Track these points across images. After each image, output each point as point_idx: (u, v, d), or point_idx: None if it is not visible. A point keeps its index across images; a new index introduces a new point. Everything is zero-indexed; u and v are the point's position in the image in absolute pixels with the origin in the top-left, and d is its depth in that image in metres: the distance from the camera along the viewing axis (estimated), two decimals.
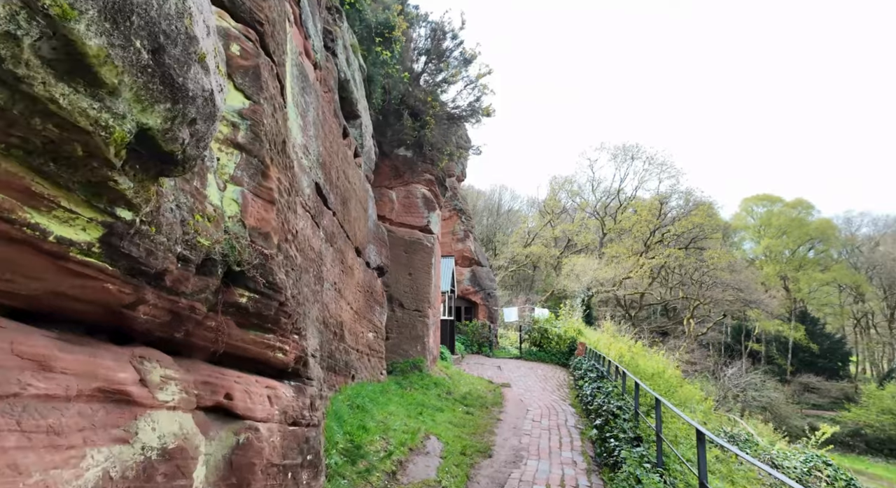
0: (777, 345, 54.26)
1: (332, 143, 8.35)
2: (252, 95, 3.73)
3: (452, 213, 26.02)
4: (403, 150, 14.26)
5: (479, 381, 16.26)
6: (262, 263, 3.78)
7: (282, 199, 4.12)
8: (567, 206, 51.87)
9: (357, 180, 9.92)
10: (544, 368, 22.19)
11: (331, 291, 8.11)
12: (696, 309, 42.79)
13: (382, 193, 14.25)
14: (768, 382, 45.19)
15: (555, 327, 25.77)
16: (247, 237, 3.69)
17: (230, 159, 3.68)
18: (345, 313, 8.98)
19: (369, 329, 10.48)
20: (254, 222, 3.76)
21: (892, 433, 43.54)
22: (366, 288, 10.37)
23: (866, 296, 55.03)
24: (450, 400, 12.21)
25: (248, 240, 3.70)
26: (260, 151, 3.78)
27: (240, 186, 3.70)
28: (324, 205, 7.87)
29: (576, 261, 40.09)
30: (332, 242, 8.21)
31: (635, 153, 41.44)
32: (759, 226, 55.08)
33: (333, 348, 8.10)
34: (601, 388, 12.24)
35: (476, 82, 14.46)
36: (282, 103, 4.53)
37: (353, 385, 9.11)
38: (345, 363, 8.75)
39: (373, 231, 10.86)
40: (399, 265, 14.17)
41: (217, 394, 3.82)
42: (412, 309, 14.08)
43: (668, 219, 41.23)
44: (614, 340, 23.60)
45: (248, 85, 3.74)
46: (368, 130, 10.75)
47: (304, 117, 6.90)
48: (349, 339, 9.13)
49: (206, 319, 3.69)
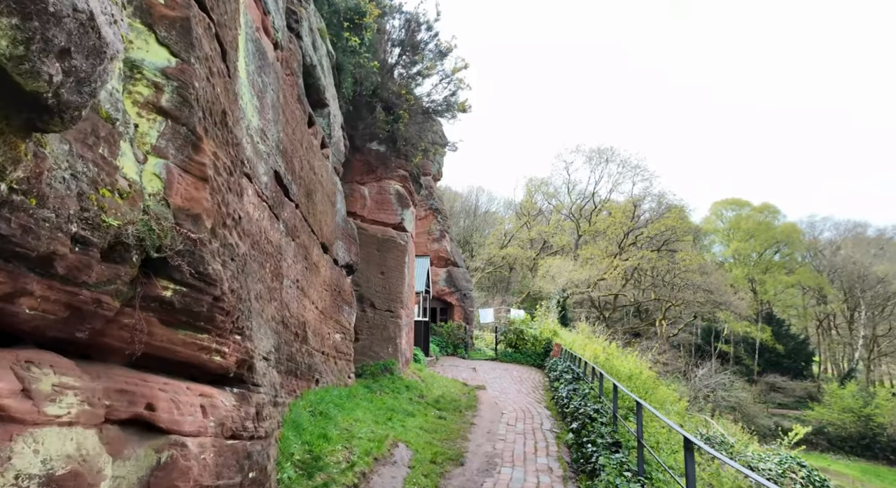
0: (745, 345, 55.37)
1: (296, 131, 7.76)
2: (180, 53, 3.15)
3: (428, 213, 25.51)
4: (376, 145, 13.69)
5: (453, 384, 15.77)
6: (191, 250, 3.20)
7: (219, 178, 3.56)
8: (543, 209, 51.95)
9: (324, 172, 9.33)
10: (520, 370, 21.85)
11: (292, 289, 7.51)
12: (668, 310, 43.28)
13: (354, 189, 13.65)
14: (736, 382, 45.98)
15: (530, 328, 25.50)
16: (171, 218, 3.11)
17: (152, 126, 3.10)
18: (308, 313, 8.37)
19: (336, 330, 9.87)
20: (181, 202, 3.18)
21: (852, 431, 44.81)
22: (333, 286, 9.77)
23: (828, 298, 56.72)
24: (422, 405, 11.68)
25: (173, 222, 3.12)
26: (190, 119, 3.21)
27: (164, 159, 3.12)
28: (285, 195, 7.27)
29: (551, 262, 40.03)
30: (294, 236, 7.61)
31: (610, 156, 41.78)
32: (728, 230, 56.22)
33: (294, 350, 7.49)
34: (577, 390, 11.89)
35: (452, 76, 14.01)
36: (222, 70, 3.95)
37: (316, 389, 8.50)
38: (307, 366, 8.14)
39: (341, 227, 10.27)
40: (371, 264, 13.58)
41: (136, 405, 3.22)
42: (384, 309, 13.50)
43: (642, 222, 41.62)
44: (589, 341, 23.44)
45: (175, 40, 3.16)
46: (337, 120, 10.17)
47: (261, 98, 6.31)
48: (313, 341, 8.53)
49: (119, 316, 3.09)
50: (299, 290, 7.86)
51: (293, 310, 7.52)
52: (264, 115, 6.41)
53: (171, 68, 3.09)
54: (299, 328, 7.83)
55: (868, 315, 54.35)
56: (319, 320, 9.03)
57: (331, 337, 9.59)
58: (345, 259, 10.36)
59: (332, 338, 9.61)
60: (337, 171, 10.19)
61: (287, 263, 7.27)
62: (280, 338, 6.59)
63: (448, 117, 14.44)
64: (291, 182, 7.48)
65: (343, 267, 10.38)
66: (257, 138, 6.18)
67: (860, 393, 44.71)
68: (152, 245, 2.92)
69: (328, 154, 9.64)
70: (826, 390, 46.26)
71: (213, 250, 3.40)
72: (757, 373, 53.34)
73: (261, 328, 5.40)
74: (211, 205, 3.37)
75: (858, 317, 55.67)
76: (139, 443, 3.24)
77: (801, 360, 55.83)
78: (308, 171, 8.34)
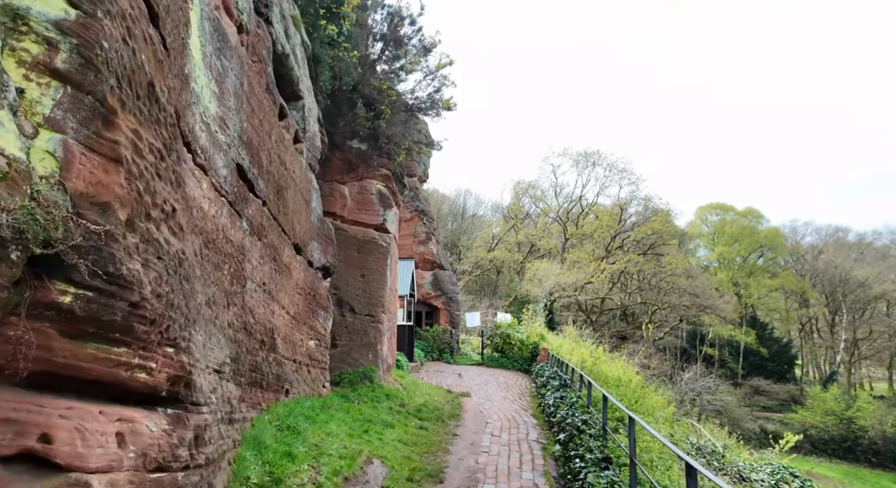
0: (729, 349, 55.55)
1: (264, 122, 7.16)
2: (82, 4, 2.56)
3: (414, 214, 24.93)
4: (357, 143, 13.10)
5: (436, 391, 15.18)
6: (96, 246, 2.60)
7: (141, 161, 2.96)
8: (530, 212, 51.66)
9: (297, 168, 8.72)
10: (506, 375, 21.33)
11: (258, 293, 6.89)
12: (654, 314, 43.15)
13: (334, 188, 13.03)
14: (722, 386, 45.99)
15: (517, 332, 25.01)
16: (67, 206, 2.51)
17: (45, 93, 2.49)
18: (278, 318, 7.75)
19: (310, 336, 9.25)
20: (84, 186, 2.57)
21: (835, 433, 45.08)
22: (307, 290, 9.15)
23: (810, 302, 57.21)
24: (402, 414, 11.07)
25: (71, 210, 2.52)
26: (97, 87, 2.61)
27: (61, 134, 2.52)
28: (249, 191, 6.66)
29: (539, 265, 39.67)
30: (260, 236, 6.99)
31: (597, 160, 41.61)
32: (713, 234, 56.47)
33: (260, 359, 6.86)
34: (564, 398, 11.39)
35: (436, 73, 13.50)
36: (151, 36, 3.35)
37: (286, 401, 7.87)
38: (276, 376, 7.51)
39: (317, 227, 9.66)
40: (351, 266, 12.96)
41: (25, 437, 2.59)
42: (364, 313, 12.88)
43: (628, 225, 41.48)
44: (576, 345, 23.02)
45: None
46: (313, 114, 9.58)
47: (220, 83, 5.71)
48: (283, 348, 7.90)
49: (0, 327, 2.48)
50: (266, 294, 7.24)
51: (259, 316, 6.90)
52: (224, 101, 5.81)
53: (69, 22, 2.49)
54: (266, 335, 7.20)
55: (849, 319, 54.89)
56: (291, 326, 8.40)
57: (304, 344, 8.96)
58: (321, 261, 9.75)
59: (305, 345, 8.98)
60: (312, 168, 9.59)
61: (252, 265, 6.66)
62: (240, 346, 5.97)
63: (432, 115, 13.91)
64: (258, 177, 6.88)
65: (319, 269, 9.77)
66: (215, 127, 5.58)
67: (842, 396, 45.01)
68: (36, 238, 2.32)
69: (302, 149, 9.03)
70: (809, 393, 46.49)
71: (130, 246, 2.81)
72: (741, 377, 53.52)
73: (212, 337, 4.79)
74: (126, 193, 2.78)
75: (840, 320, 56.21)
76: (31, 483, 2.62)
77: (784, 363, 56.16)
78: (278, 166, 7.73)
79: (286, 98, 8.78)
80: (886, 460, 41.75)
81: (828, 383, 52.59)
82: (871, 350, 57.16)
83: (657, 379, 41.10)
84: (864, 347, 56.95)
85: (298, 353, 8.71)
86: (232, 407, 5.27)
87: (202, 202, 5.20)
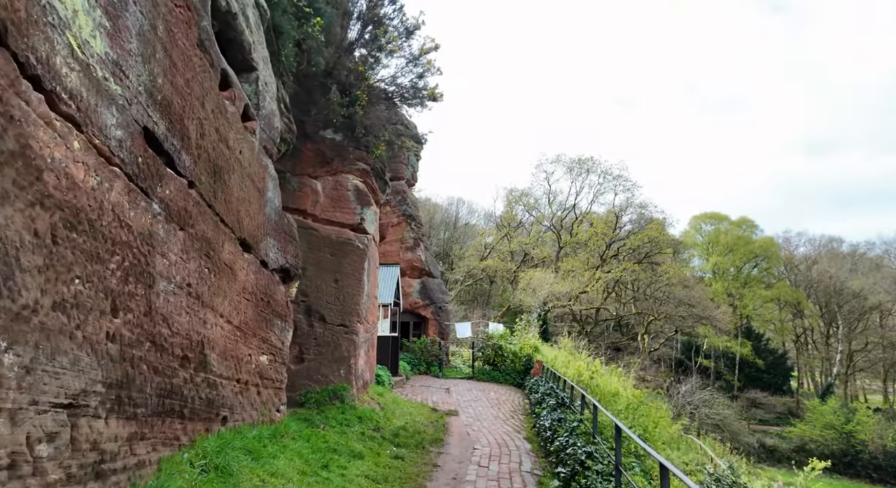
0: (725, 360, 54.19)
1: (193, 85, 5.69)
2: None
3: (402, 219, 23.45)
4: (331, 133, 11.66)
5: (420, 410, 13.57)
6: None
7: None
8: (524, 220, 50.33)
9: (246, 150, 7.25)
10: (498, 390, 19.72)
11: (178, 296, 5.36)
12: (650, 324, 41.76)
13: (304, 183, 11.54)
14: (719, 398, 44.50)
15: (510, 344, 23.45)
16: None
17: None
18: (213, 329, 6.20)
19: (262, 350, 7.69)
20: None
21: (834, 448, 43.59)
22: (259, 295, 7.62)
23: (805, 313, 56.08)
24: (375, 441, 9.47)
25: None
26: None
27: None
28: (167, 166, 5.17)
29: (532, 274, 38.23)
30: (183, 224, 5.48)
31: (590, 166, 40.40)
32: (707, 244, 55.38)
33: (179, 381, 5.31)
34: (563, 421, 9.85)
35: (419, 58, 12.13)
36: None
37: (222, 432, 6.29)
38: (206, 401, 5.95)
39: (274, 221, 8.15)
40: (322, 270, 11.43)
41: None
42: (336, 323, 11.32)
43: (624, 233, 40.18)
44: (572, 358, 21.50)
45: None
46: (271, 91, 8.13)
47: (113, 17, 4.25)
48: (219, 366, 6.34)
49: None
50: (194, 299, 5.71)
51: (179, 326, 5.36)
52: (121, 42, 4.35)
53: None
54: (192, 350, 5.65)
55: (844, 330, 53.75)
56: (234, 339, 6.85)
57: (253, 360, 7.40)
58: (278, 261, 8.22)
59: (254, 361, 7.41)
60: (269, 152, 8.11)
61: (167, 260, 5.14)
62: (136, 366, 4.42)
63: (416, 105, 12.52)
64: (181, 150, 5.39)
65: (276, 271, 8.24)
66: (103, 71, 4.11)
67: (841, 409, 43.63)
68: None
69: (255, 129, 7.57)
70: (807, 406, 45.07)
71: None
72: (738, 389, 52.07)
73: (59, 356, 3.26)
74: None
75: (835, 331, 55.07)
76: None
77: (780, 375, 54.82)
78: (216, 143, 6.25)
79: (236, 68, 7.34)
80: (887, 475, 40.24)
81: (825, 395, 51.33)
82: (867, 362, 55.98)
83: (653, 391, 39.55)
84: (860, 359, 55.80)
85: (244, 371, 7.14)
86: (104, 455, 3.71)
87: (70, 166, 3.70)
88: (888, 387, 57.73)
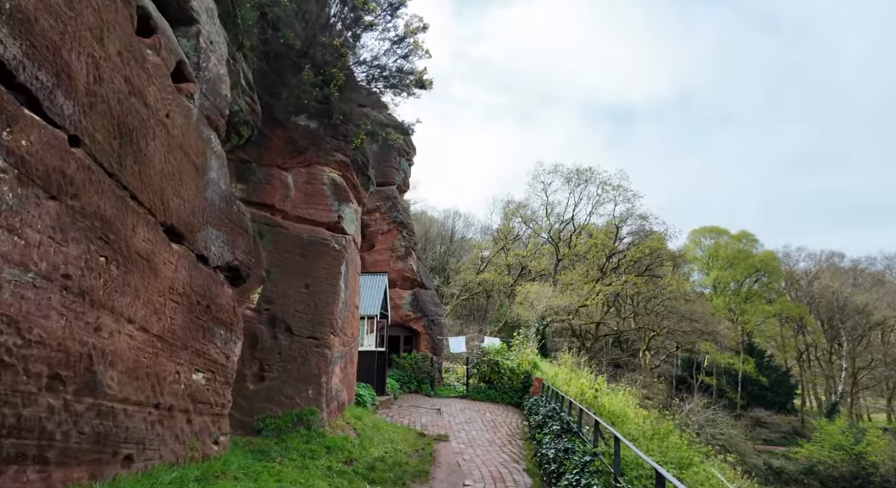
0: (727, 377, 52.32)
1: (81, 8, 4.22)
2: None
3: (392, 227, 21.93)
4: (305, 119, 10.22)
5: (404, 435, 11.85)
6: None
7: None
8: (521, 234, 48.85)
9: (177, 115, 5.75)
10: (494, 410, 17.97)
11: (45, 291, 3.81)
12: (652, 340, 40.02)
13: (273, 175, 10.06)
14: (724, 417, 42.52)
15: (507, 360, 21.73)
16: None
17: None
18: (112, 338, 4.63)
19: (196, 367, 6.07)
20: None
21: (844, 470, 41.28)
22: (194, 298, 6.04)
23: (808, 329, 54.45)
24: (346, 477, 7.78)
25: None
26: None
27: None
28: (27, 108, 3.66)
29: (529, 288, 36.59)
30: (58, 193, 3.96)
31: (589, 177, 39.11)
32: (707, 258, 53.94)
33: (37, 412, 3.73)
34: (570, 452, 8.18)
35: (405, 39, 10.77)
36: None
37: (123, 477, 4.65)
38: (94, 437, 4.34)
39: (219, 208, 6.62)
40: (290, 274, 9.87)
41: None
42: (305, 335, 9.71)
43: (624, 245, 38.69)
44: (574, 375, 19.79)
45: None
46: (217, 52, 6.68)
47: None
48: (122, 388, 4.74)
49: None
50: (75, 296, 4.15)
51: (43, 333, 3.79)
52: None
53: None
54: (69, 366, 4.07)
55: (849, 347, 52.03)
56: (152, 351, 5.26)
57: (182, 378, 5.78)
58: (223, 257, 6.66)
59: (183, 379, 5.80)
60: (213, 125, 6.62)
61: (20, 238, 3.60)
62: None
63: (401, 91, 11.12)
64: (54, 90, 3.89)
65: (221, 269, 6.68)
66: None
67: (850, 429, 41.64)
68: None
69: (192, 92, 6.09)
70: (815, 426, 43.06)
71: None
72: (741, 407, 50.09)
73: None
74: None
75: (839, 348, 53.35)
76: None
77: (784, 393, 52.90)
78: (124, 95, 4.76)
79: (170, 17, 5.91)
80: None
81: (831, 414, 49.34)
82: (872, 380, 54.16)
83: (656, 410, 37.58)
84: (864, 377, 53.99)
85: (167, 394, 5.52)
86: None
87: None
88: (894, 406, 55.76)
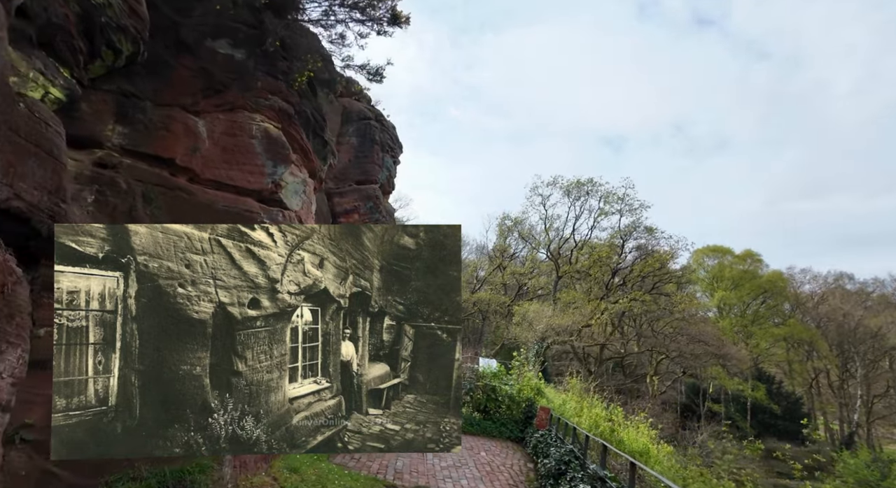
0: (735, 405, 48.41)
1: None
2: None
3: None
4: (227, 47, 7.24)
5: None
6: None
7: None
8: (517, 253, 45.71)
9: None
10: (490, 448, 14.40)
11: None
12: (660, 363, 36.42)
13: (173, 117, 6.98)
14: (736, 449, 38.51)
15: (505, 385, 18.25)
16: None
17: None
18: None
19: None
20: None
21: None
22: None
23: (820, 353, 50.86)
24: None
25: None
26: None
27: None
28: None
29: (528, 307, 33.22)
30: None
31: (590, 190, 36.29)
32: (711, 279, 50.75)
33: None
34: None
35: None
36: None
37: None
38: None
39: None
40: None
41: None
42: None
43: (629, 260, 35.55)
44: (586, 404, 16.31)
45: None
46: None
47: None
48: None
49: None
50: None
51: None
52: None
53: None
54: None
55: (862, 373, 48.36)
56: None
57: None
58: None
59: None
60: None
61: None
62: None
63: (370, 23, 8.18)
64: None
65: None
66: None
67: (875, 463, 37.65)
68: None
69: None
70: (836, 458, 39.09)
71: None
72: (753, 437, 46.10)
73: None
74: None
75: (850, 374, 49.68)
76: None
77: (796, 422, 48.99)
78: None
79: None
80: None
81: (848, 445, 45.21)
82: (888, 409, 50.25)
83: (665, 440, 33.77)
84: (879, 405, 50.12)
85: None
86: None
87: None
88: None
